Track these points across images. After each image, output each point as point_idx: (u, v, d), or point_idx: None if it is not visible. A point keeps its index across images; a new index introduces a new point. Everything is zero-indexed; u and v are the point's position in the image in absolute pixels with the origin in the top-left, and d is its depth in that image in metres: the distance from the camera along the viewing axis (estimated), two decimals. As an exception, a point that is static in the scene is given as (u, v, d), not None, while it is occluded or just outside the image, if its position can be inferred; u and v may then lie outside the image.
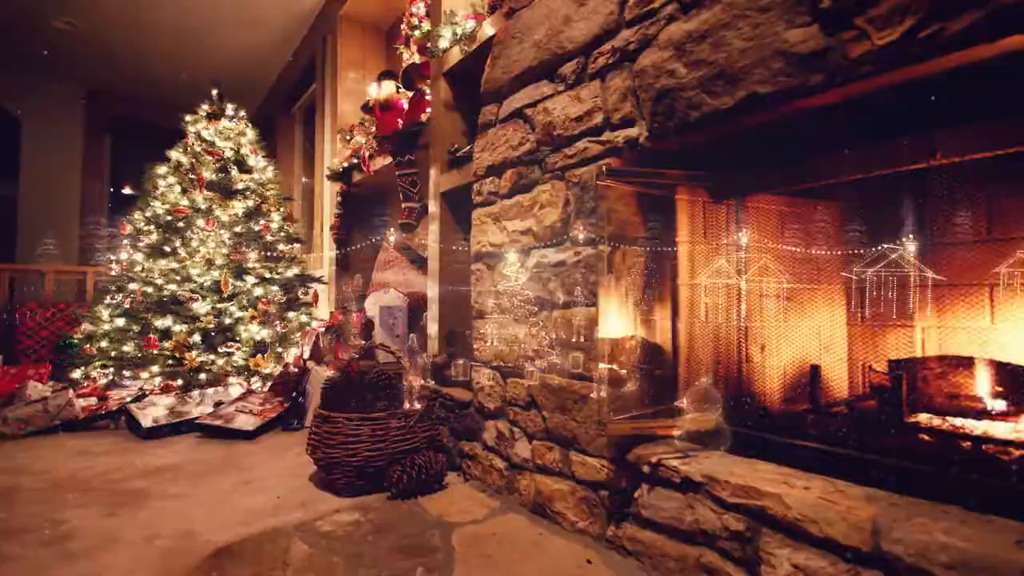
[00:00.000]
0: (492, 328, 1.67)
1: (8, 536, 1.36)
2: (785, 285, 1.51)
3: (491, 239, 1.68)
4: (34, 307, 3.48)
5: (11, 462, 1.99)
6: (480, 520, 1.41)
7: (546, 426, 1.44)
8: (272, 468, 1.92)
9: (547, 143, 1.47)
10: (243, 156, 3.44)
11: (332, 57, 3.92)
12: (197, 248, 3.12)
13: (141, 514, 1.50)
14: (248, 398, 2.60)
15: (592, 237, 1.31)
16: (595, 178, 1.25)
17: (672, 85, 1.13)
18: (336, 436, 1.62)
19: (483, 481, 1.67)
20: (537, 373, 1.47)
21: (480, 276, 1.74)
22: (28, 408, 2.36)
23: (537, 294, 1.48)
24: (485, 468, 1.67)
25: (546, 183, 1.47)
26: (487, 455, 1.66)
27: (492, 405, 1.66)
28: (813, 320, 1.54)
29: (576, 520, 1.33)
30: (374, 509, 1.51)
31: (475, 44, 2.22)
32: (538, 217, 1.49)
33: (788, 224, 1.50)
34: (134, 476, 1.83)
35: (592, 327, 1.30)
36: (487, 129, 1.73)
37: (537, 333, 1.48)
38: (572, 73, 1.39)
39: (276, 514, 1.50)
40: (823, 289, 1.55)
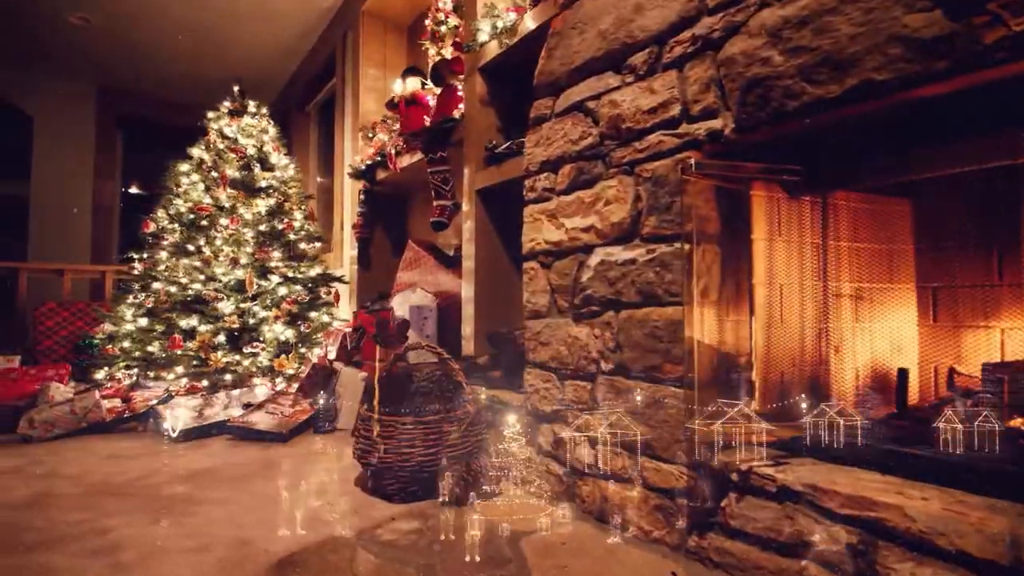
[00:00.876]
0: (548, 329, 1.61)
1: (53, 546, 1.30)
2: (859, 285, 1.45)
3: (546, 237, 1.63)
4: (53, 307, 3.42)
5: (41, 467, 1.93)
6: (546, 529, 1.35)
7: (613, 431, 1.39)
8: (312, 472, 1.86)
9: (613, 137, 1.41)
10: (266, 153, 3.39)
11: (354, 53, 3.87)
12: (221, 247, 3.06)
13: (188, 521, 1.45)
14: (278, 399, 2.55)
15: (668, 234, 1.25)
16: (680, 172, 1.19)
17: (766, 74, 1.08)
18: (389, 441, 1.56)
19: (539, 487, 1.61)
20: (603, 375, 1.42)
21: (534, 275, 1.68)
22: (54, 410, 2.30)
23: (602, 294, 1.43)
24: (540, 473, 1.61)
25: (611, 178, 1.42)
26: (543, 460, 1.61)
27: (548, 408, 1.60)
28: (885, 321, 1.48)
29: (650, 529, 1.27)
30: (432, 516, 1.45)
31: (516, 38, 2.17)
32: (602, 214, 1.44)
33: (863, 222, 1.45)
34: (172, 480, 1.78)
35: (669, 328, 1.25)
36: (540, 123, 1.67)
37: (602, 334, 1.42)
38: (644, 63, 1.33)
39: (330, 521, 1.44)
40: (894, 289, 1.50)
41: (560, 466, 1.55)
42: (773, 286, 1.32)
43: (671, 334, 1.24)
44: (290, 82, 5.43)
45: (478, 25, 2.30)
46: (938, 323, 1.47)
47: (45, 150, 5.19)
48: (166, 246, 2.99)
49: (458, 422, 1.62)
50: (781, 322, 1.33)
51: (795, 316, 1.34)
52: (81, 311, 3.46)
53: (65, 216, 5.17)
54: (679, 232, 1.23)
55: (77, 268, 3.93)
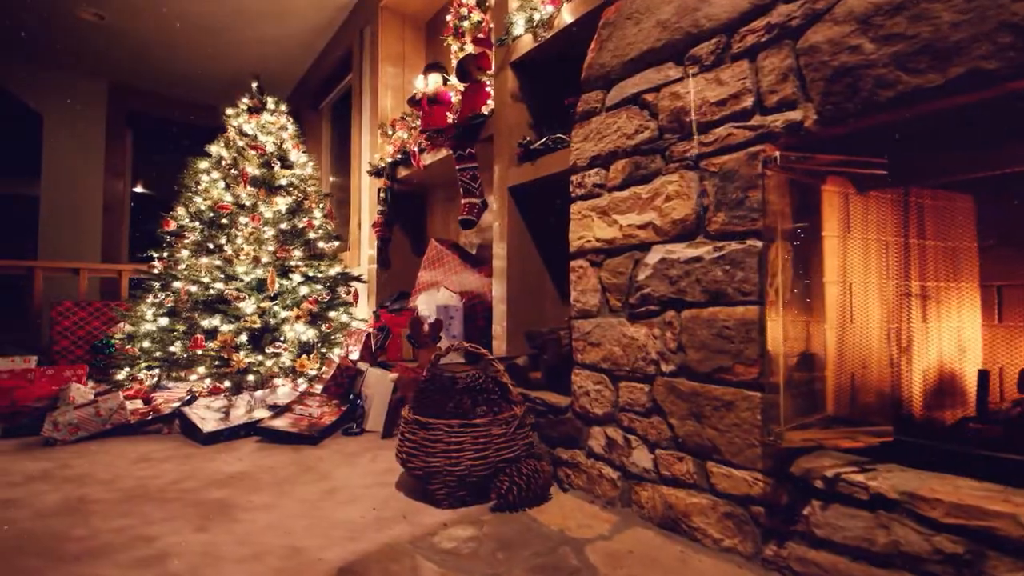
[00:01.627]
0: (599, 329, 1.57)
1: (99, 556, 1.25)
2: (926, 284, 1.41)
3: (597, 234, 1.58)
4: (70, 306, 3.36)
5: (71, 470, 1.89)
6: (607, 536, 1.31)
7: (674, 434, 1.34)
8: (350, 476, 1.82)
9: (674, 130, 1.37)
10: (285, 151, 3.34)
11: (372, 50, 3.82)
12: (241, 245, 3.01)
13: (235, 528, 1.40)
14: (305, 401, 2.50)
15: (740, 231, 1.21)
16: (762, 165, 1.15)
17: (856, 63, 1.03)
18: (436, 444, 1.51)
19: (590, 492, 1.57)
20: (662, 377, 1.37)
21: (582, 273, 1.63)
22: (78, 412, 2.25)
23: (661, 293, 1.38)
24: (592, 478, 1.56)
25: (672, 173, 1.37)
26: (594, 464, 1.56)
27: (599, 411, 1.55)
28: (950, 321, 1.44)
29: (720, 537, 1.22)
30: (485, 522, 1.40)
31: (552, 31, 2.12)
32: (662, 210, 1.39)
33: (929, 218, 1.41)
34: (208, 485, 1.73)
35: (741, 328, 1.20)
36: (590, 118, 1.63)
37: (662, 334, 1.38)
38: (710, 54, 1.29)
39: (380, 528, 1.39)
40: (958, 288, 1.45)
41: (613, 470, 1.50)
42: (844, 285, 1.28)
43: (743, 334, 1.20)
44: (302, 80, 5.37)
45: (512, 18, 2.25)
46: (1003, 323, 1.42)
47: (55, 148, 5.13)
48: (188, 244, 2.94)
49: (506, 425, 1.58)
50: (851, 322, 1.29)
51: (865, 316, 1.29)
52: (98, 311, 3.41)
53: (76, 215, 5.11)
54: (752, 228, 1.19)
55: (94, 267, 3.87)
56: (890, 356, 1.33)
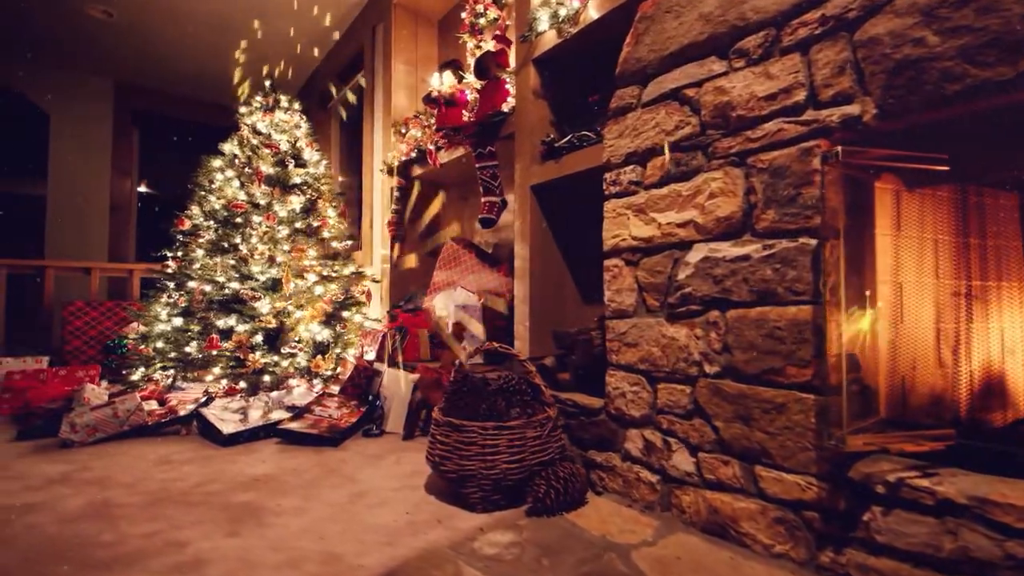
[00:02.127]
0: (635, 329, 1.53)
1: (131, 563, 1.22)
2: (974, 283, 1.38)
3: (634, 232, 1.55)
4: (81, 306, 3.33)
5: (91, 473, 1.85)
6: (651, 541, 1.28)
7: (719, 437, 1.31)
8: (376, 478, 1.78)
9: (718, 126, 1.34)
10: (299, 149, 3.31)
11: (385, 48, 3.79)
12: (255, 245, 2.98)
13: (267, 533, 1.37)
14: (323, 402, 2.46)
15: (792, 228, 1.18)
16: (822, 161, 1.11)
17: (919, 55, 1.00)
18: (470, 447, 1.48)
19: (626, 495, 1.54)
20: (705, 378, 1.34)
21: (617, 273, 1.60)
22: (96, 413, 2.22)
23: (704, 292, 1.35)
24: (628, 481, 1.53)
25: (715, 170, 1.34)
26: (630, 467, 1.53)
27: (636, 413, 1.52)
28: (998, 321, 1.41)
29: (771, 543, 1.19)
30: (523, 527, 1.37)
31: (578, 27, 2.09)
32: (704, 208, 1.36)
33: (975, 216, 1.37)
34: (233, 488, 1.69)
35: (793, 329, 1.17)
36: (625, 113, 1.60)
37: (705, 335, 1.35)
38: (758, 47, 1.26)
39: (416, 533, 1.36)
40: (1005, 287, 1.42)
41: (652, 473, 1.47)
42: (895, 284, 1.25)
43: (795, 335, 1.17)
44: (311, 79, 5.34)
45: (536, 14, 2.22)
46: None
47: (62, 148, 5.10)
48: (203, 243, 2.90)
49: (540, 427, 1.55)
50: (903, 322, 1.25)
51: (916, 316, 1.26)
52: (110, 310, 3.37)
53: (82, 215, 5.08)
54: (806, 226, 1.16)
55: (105, 266, 3.84)
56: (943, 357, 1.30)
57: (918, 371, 1.25)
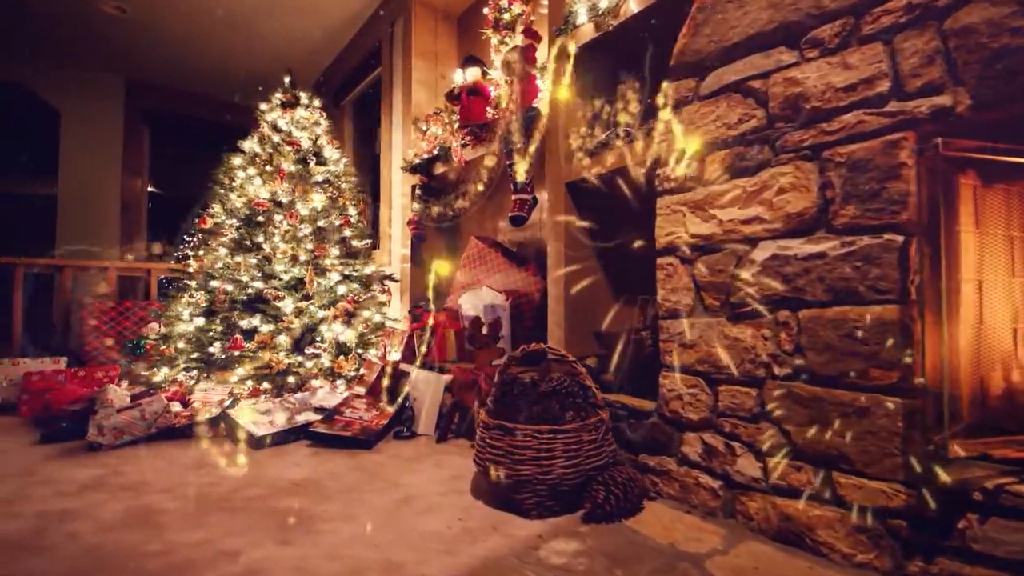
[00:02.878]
0: (693, 329, 1.49)
1: (184, 574, 1.17)
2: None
3: (691, 230, 1.50)
4: (100, 306, 3.28)
5: (124, 477, 1.80)
6: (723, 550, 1.23)
7: (790, 442, 1.26)
8: (419, 483, 1.74)
9: (788, 119, 1.29)
10: (320, 147, 3.26)
11: (404, 44, 3.74)
12: (278, 244, 2.93)
13: (319, 540, 1.32)
14: (352, 403, 2.42)
15: (876, 224, 1.13)
16: (916, 154, 1.07)
17: (1019, 44, 0.95)
18: (525, 451, 1.43)
19: (684, 501, 1.49)
20: (775, 381, 1.29)
21: (672, 272, 1.56)
22: (124, 415, 2.17)
23: (773, 291, 1.30)
24: (686, 486, 1.49)
25: (784, 164, 1.29)
26: (688, 472, 1.48)
27: (695, 416, 1.47)
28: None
29: (851, 552, 1.15)
30: (584, 535, 1.32)
31: (619, 19, 2.04)
32: (772, 204, 1.31)
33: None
34: (275, 493, 1.65)
35: (876, 329, 1.12)
36: (680, 107, 1.55)
37: (773, 335, 1.30)
38: (835, 36, 1.21)
39: (473, 540, 1.31)
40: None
41: (713, 479, 1.42)
42: (977, 283, 1.20)
43: (879, 336, 1.12)
44: (324, 77, 5.29)
45: (574, 7, 2.17)
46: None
47: (73, 146, 5.05)
48: (226, 242, 2.85)
49: (594, 430, 1.50)
50: (981, 323, 1.21)
51: (998, 316, 1.22)
52: (128, 310, 3.32)
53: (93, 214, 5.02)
54: (892, 222, 1.11)
55: (123, 265, 3.78)
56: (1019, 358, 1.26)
57: (1003, 373, 1.21)
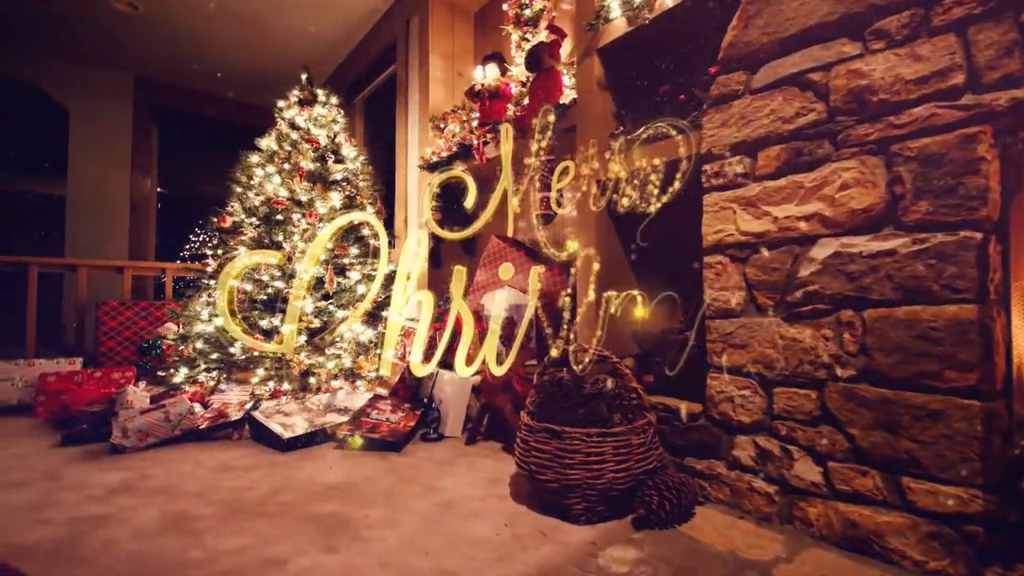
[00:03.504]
0: (744, 330, 1.45)
1: (232, 579, 1.13)
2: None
3: (742, 227, 1.46)
4: (115, 305, 3.23)
5: (153, 481, 1.76)
6: (787, 558, 1.19)
7: (854, 446, 1.22)
8: (457, 486, 1.70)
9: (851, 112, 1.25)
10: (337, 144, 3.21)
11: (421, 42, 3.70)
12: (297, 243, 2.89)
13: (367, 548, 1.28)
14: (377, 405, 2.38)
15: (952, 221, 1.09)
16: (1000, 148, 1.03)
17: (1120, 29, 0.92)
18: (574, 455, 1.39)
19: (735, 506, 1.45)
20: (837, 383, 1.25)
21: (720, 270, 1.52)
22: (148, 417, 2.12)
23: (835, 290, 1.26)
24: (737, 491, 1.45)
25: (847, 159, 1.26)
26: (740, 476, 1.44)
27: (747, 418, 1.44)
28: None
29: (923, 559, 1.11)
30: (640, 542, 1.28)
31: (654, 12, 2.00)
32: (834, 200, 1.27)
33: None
34: (311, 497, 1.61)
35: (952, 329, 1.08)
36: (729, 101, 1.51)
37: (835, 335, 1.26)
38: (903, 27, 1.17)
39: (525, 547, 1.27)
40: None
41: (767, 483, 1.38)
42: (1051, 281, 1.16)
43: (956, 336, 1.08)
44: (335, 75, 5.24)
45: (607, 1, 2.13)
46: None
47: (81, 144, 5.00)
48: (246, 241, 2.81)
49: (643, 433, 1.46)
50: (1055, 322, 1.17)
51: (1071, 315, 1.18)
52: (144, 310, 3.28)
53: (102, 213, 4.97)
54: (969, 218, 1.07)
55: (138, 265, 3.74)
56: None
57: (1076, 374, 1.17)
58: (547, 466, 1.43)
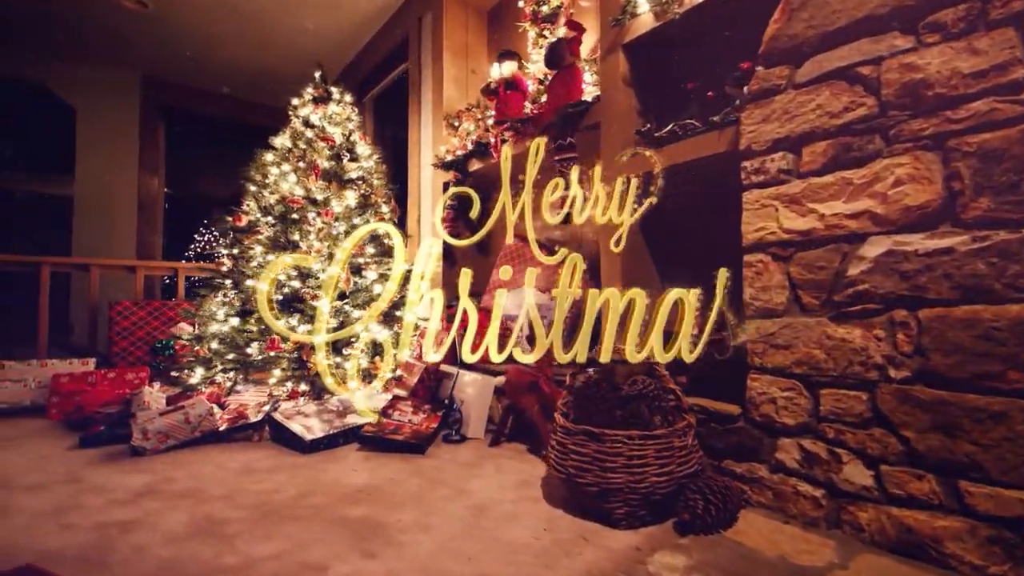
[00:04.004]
0: (788, 330, 1.42)
1: (273, 586, 1.10)
2: None
3: (785, 225, 1.43)
4: (128, 305, 3.19)
5: (177, 484, 1.73)
6: (841, 564, 1.16)
7: (909, 449, 1.19)
8: (485, 488, 1.66)
9: (904, 106, 1.22)
10: (352, 143, 3.18)
11: (435, 38, 3.66)
12: (312, 242, 2.86)
13: (405, 553, 1.24)
14: (398, 406, 2.34)
15: (1014, 218, 1.06)
16: None
17: None
18: (616, 458, 1.36)
19: (779, 510, 1.42)
20: (890, 384, 1.22)
21: (762, 269, 1.48)
22: (167, 419, 2.09)
23: (887, 289, 1.23)
24: (781, 495, 1.41)
25: (901, 155, 1.22)
26: (784, 479, 1.41)
27: (791, 420, 1.40)
28: None
29: (983, 564, 1.08)
30: (688, 548, 1.25)
31: (683, 7, 1.97)
32: (887, 196, 1.24)
33: None
34: (338, 501, 1.57)
35: (1017, 329, 1.05)
36: (771, 96, 1.48)
37: (888, 335, 1.23)
38: (959, 20, 1.14)
39: (568, 553, 1.24)
40: None
41: (813, 487, 1.35)
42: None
43: (1019, 336, 1.05)
44: (344, 73, 5.21)
45: (634, -4, 2.10)
46: None
47: (88, 143, 4.96)
48: (262, 240, 2.78)
49: (684, 436, 1.43)
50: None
51: None
52: (157, 310, 3.24)
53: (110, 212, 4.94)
54: (1036, 215, 1.04)
55: (150, 264, 3.70)
56: None
57: None
58: (586, 469, 1.40)
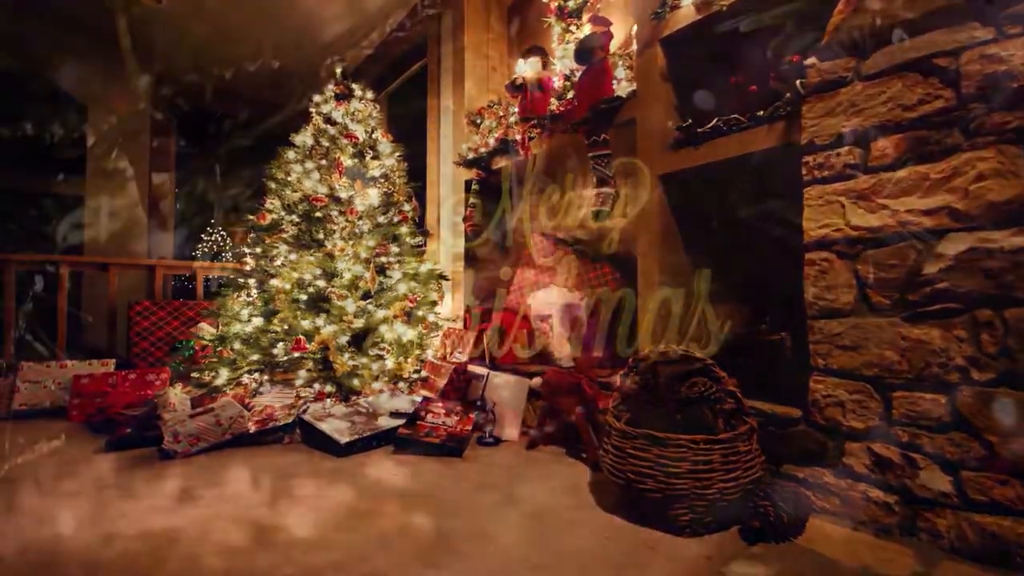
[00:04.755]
0: (855, 330, 1.37)
1: (339, 599, 1.05)
2: None
3: (852, 221, 1.38)
4: (148, 305, 3.14)
5: (215, 489, 1.68)
6: (923, 573, 1.12)
7: (993, 454, 1.15)
8: (534, 494, 1.62)
9: (986, 99, 1.17)
10: (375, 140, 3.13)
11: (455, 35, 3.61)
12: (336, 241, 2.81)
13: (471, 564, 1.20)
14: (430, 408, 2.29)
15: (1118, 213, 1.02)
16: None
17: None
18: (680, 463, 1.32)
19: (848, 516, 1.37)
20: (972, 387, 1.18)
21: (826, 267, 1.44)
22: (198, 421, 2.04)
23: (968, 288, 1.19)
24: (849, 501, 1.37)
25: (982, 148, 1.18)
26: (852, 485, 1.36)
27: (859, 424, 1.36)
28: None
29: (1083, 577, 1.03)
30: (764, 557, 1.21)
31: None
32: (968, 192, 1.20)
33: None
34: (386, 506, 1.53)
35: (1119, 329, 1.01)
36: (835, 88, 1.43)
37: (971, 336, 1.18)
38: (1051, 7, 1.09)
39: (639, 564, 1.20)
40: None
41: (886, 493, 1.30)
42: None
43: (1123, 337, 1.00)
44: (359, 70, 5.15)
45: (675, -12, 2.05)
46: None
47: (99, 141, 4.91)
48: (287, 239, 2.73)
49: (747, 440, 1.38)
50: None
51: None
52: (177, 310, 3.19)
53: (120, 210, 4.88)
54: None
55: (169, 264, 3.65)
56: None
57: None
58: (647, 474, 1.35)
